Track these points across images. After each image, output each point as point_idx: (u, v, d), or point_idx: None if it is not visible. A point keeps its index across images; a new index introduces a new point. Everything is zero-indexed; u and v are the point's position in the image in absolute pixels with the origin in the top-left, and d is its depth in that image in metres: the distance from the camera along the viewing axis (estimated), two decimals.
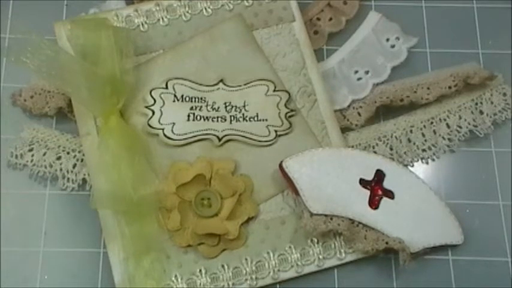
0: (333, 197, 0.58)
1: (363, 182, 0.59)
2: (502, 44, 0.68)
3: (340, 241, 0.59)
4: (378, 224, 0.58)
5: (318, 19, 0.68)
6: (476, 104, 0.64)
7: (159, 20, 0.63)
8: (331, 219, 0.57)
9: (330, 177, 0.58)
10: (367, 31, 0.67)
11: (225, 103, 0.61)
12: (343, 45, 0.67)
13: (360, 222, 0.58)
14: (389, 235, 0.58)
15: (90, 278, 0.59)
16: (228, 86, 0.61)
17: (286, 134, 0.61)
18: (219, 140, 0.60)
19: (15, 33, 0.66)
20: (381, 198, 0.59)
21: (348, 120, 0.64)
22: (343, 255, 0.59)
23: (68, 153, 0.61)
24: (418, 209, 0.59)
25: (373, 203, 0.59)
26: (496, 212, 0.62)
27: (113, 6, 0.65)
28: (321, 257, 0.58)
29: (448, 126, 0.64)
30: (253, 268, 0.58)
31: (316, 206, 0.58)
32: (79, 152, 0.61)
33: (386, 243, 0.57)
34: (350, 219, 0.58)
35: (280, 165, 0.58)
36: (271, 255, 0.58)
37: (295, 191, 0.58)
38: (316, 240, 0.59)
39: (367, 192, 0.59)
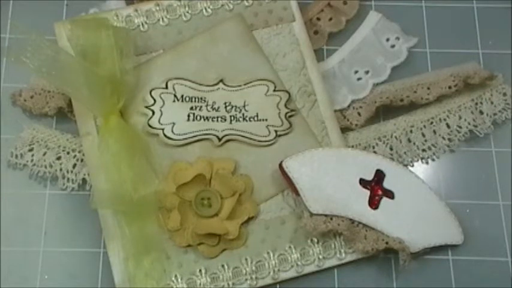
0: (333, 197, 0.58)
1: (363, 182, 0.59)
2: (502, 44, 0.68)
3: (340, 241, 0.59)
4: (378, 224, 0.58)
5: (318, 19, 0.68)
6: (476, 104, 0.64)
7: (159, 20, 0.63)
8: (331, 219, 0.57)
9: (330, 177, 0.58)
10: (367, 31, 0.67)
11: (225, 103, 0.61)
12: (343, 45, 0.67)
13: (360, 222, 0.58)
14: (389, 235, 0.58)
15: (90, 278, 0.59)
16: (228, 86, 0.61)
17: (286, 134, 0.61)
18: (219, 140, 0.60)
19: (15, 33, 0.66)
20: (381, 198, 0.59)
21: (348, 120, 0.64)
22: (343, 255, 0.59)
23: (68, 153, 0.61)
24: (418, 209, 0.59)
25: (373, 203, 0.59)
26: (496, 212, 0.62)
27: (112, 6, 0.65)
28: (321, 257, 0.58)
29: (448, 126, 0.64)
30: (253, 268, 0.58)
31: (316, 206, 0.58)
32: (79, 152, 0.61)
33: (387, 243, 0.57)
34: (350, 219, 0.58)
35: (280, 165, 0.58)
36: (271, 255, 0.58)
37: (295, 191, 0.58)
38: (316, 240, 0.59)
39: (367, 192, 0.59)
